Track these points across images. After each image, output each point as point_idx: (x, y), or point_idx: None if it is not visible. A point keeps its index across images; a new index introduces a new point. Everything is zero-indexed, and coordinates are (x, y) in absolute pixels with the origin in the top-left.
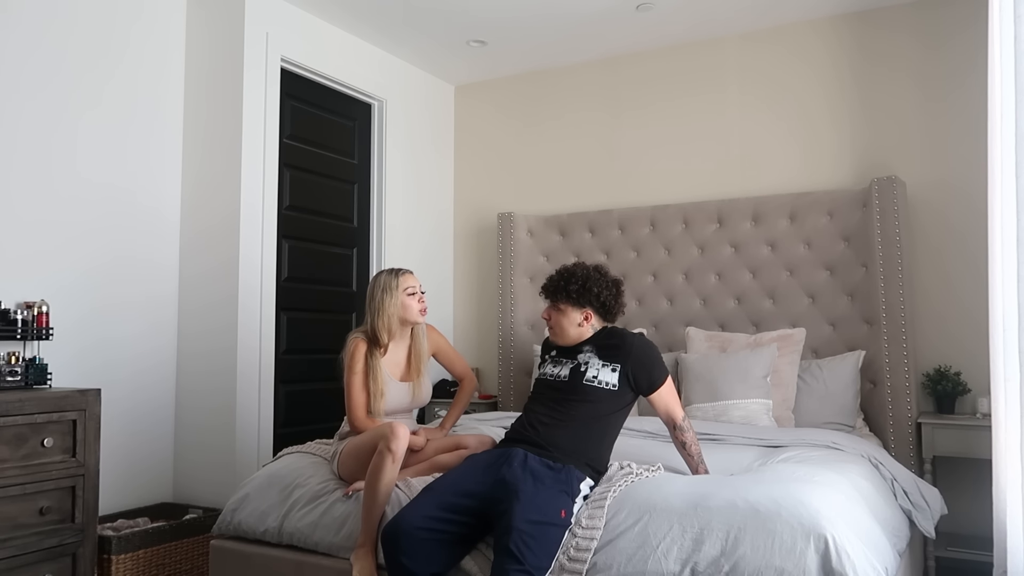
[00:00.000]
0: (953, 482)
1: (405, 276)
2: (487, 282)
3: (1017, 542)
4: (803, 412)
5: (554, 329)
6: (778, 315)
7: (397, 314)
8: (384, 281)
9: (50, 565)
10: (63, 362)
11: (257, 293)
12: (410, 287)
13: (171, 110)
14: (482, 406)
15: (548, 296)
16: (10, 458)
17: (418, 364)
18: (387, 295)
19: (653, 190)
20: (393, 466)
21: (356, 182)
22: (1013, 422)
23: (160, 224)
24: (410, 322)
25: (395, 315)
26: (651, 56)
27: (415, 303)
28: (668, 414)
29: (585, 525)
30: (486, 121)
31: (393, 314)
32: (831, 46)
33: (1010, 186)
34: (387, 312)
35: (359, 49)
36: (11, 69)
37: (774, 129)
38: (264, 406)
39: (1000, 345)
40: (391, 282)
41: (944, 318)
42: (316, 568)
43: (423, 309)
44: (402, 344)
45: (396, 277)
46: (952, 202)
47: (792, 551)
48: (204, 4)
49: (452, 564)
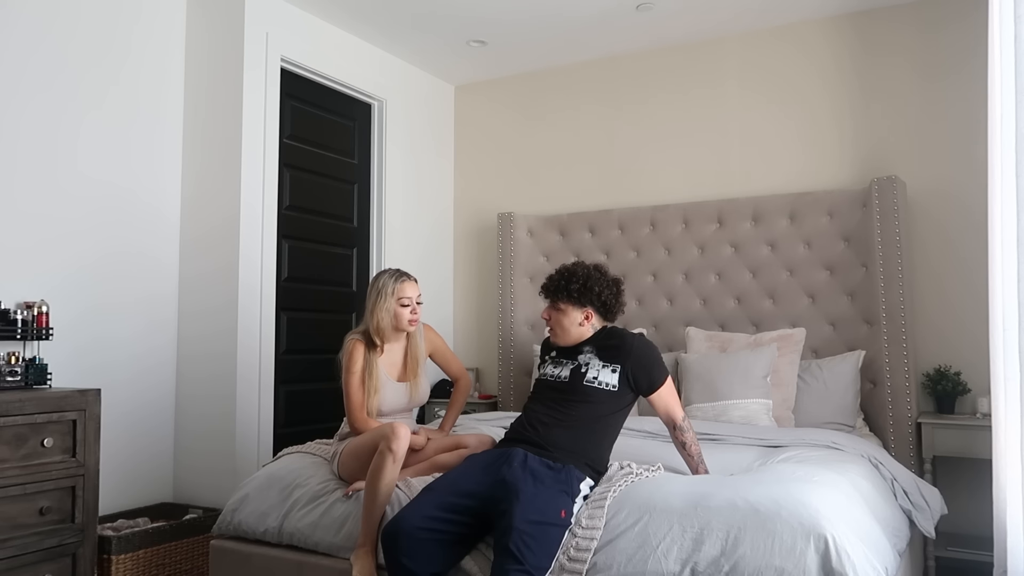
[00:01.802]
0: (953, 482)
1: (403, 285)
2: (487, 282)
3: (1017, 542)
4: (803, 412)
5: (554, 329)
6: (778, 315)
7: (388, 319)
8: (382, 284)
9: (50, 565)
10: (63, 362)
11: (257, 293)
12: (405, 298)
13: (171, 110)
14: (482, 406)
15: (548, 296)
16: (10, 458)
17: (414, 365)
18: (380, 300)
19: (653, 190)
20: (394, 466)
21: (356, 182)
22: (1013, 422)
23: (160, 224)
24: (398, 330)
25: (385, 319)
26: (651, 56)
27: (406, 313)
28: (668, 414)
29: (585, 525)
30: (486, 121)
31: (383, 318)
32: (831, 46)
33: (1010, 186)
34: (377, 316)
35: (359, 49)
36: (12, 69)
37: (774, 129)
38: (264, 406)
39: (1000, 345)
40: (387, 287)
41: (944, 318)
42: (316, 568)
43: (413, 320)
44: (398, 345)
45: (394, 283)
46: (952, 202)
47: (792, 551)
48: (204, 4)
49: (452, 564)
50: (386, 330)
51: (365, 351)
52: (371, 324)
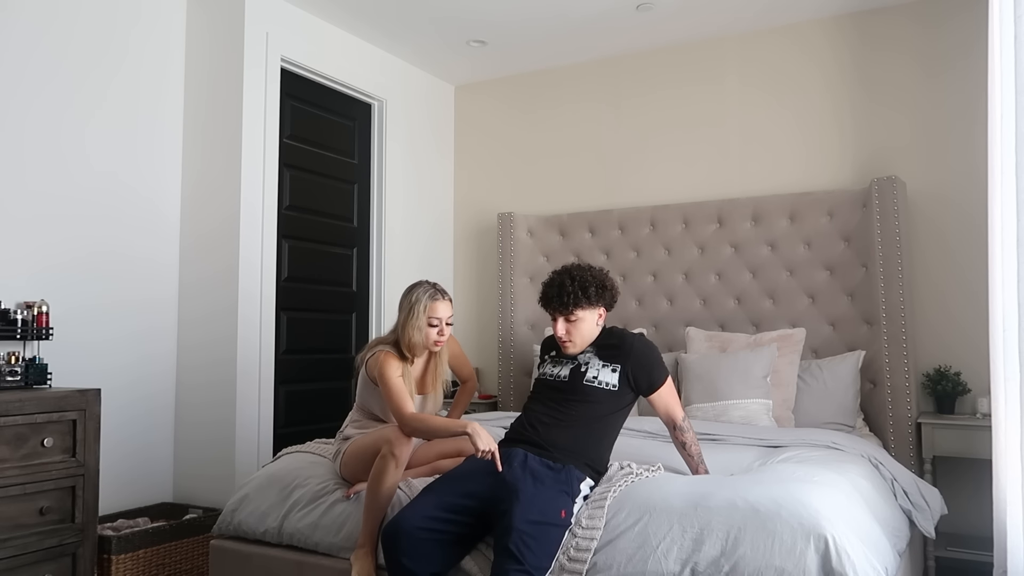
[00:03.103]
0: (953, 482)
1: (436, 304)
2: (487, 282)
3: (1017, 542)
4: (803, 412)
5: (574, 341)
6: (778, 315)
7: (420, 337)
8: (415, 299)
9: (50, 565)
10: (63, 362)
11: (257, 293)
12: (435, 318)
13: (171, 110)
14: (482, 406)
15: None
16: (10, 458)
17: (435, 380)
18: (412, 317)
19: (653, 190)
20: (396, 471)
21: (356, 182)
22: (1013, 422)
23: (160, 223)
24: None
25: (417, 337)
26: (651, 56)
27: (433, 334)
28: (668, 414)
29: (585, 525)
30: (486, 121)
31: (414, 336)
32: (831, 46)
33: (1010, 186)
34: (408, 333)
35: (359, 49)
36: (12, 70)
37: (774, 129)
38: (264, 406)
39: (1000, 345)
40: (420, 304)
41: (944, 318)
42: (316, 568)
43: (439, 342)
44: (421, 358)
45: (428, 300)
46: (952, 202)
47: (792, 551)
48: (204, 4)
49: (452, 564)
50: (418, 346)
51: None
52: (402, 338)
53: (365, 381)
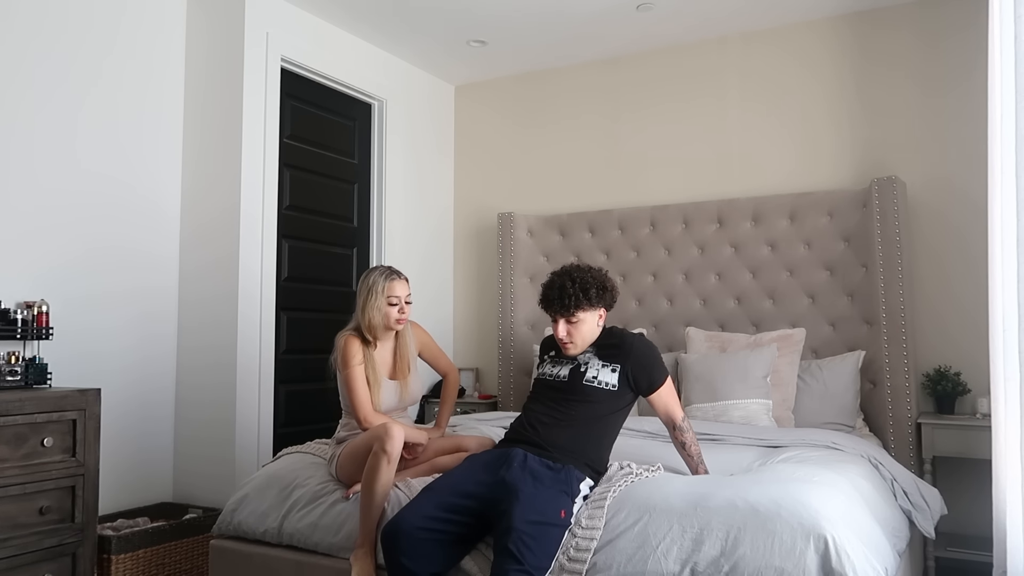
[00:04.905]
0: (953, 482)
1: (392, 283)
2: (487, 282)
3: (1017, 542)
4: (803, 412)
5: (575, 343)
6: (778, 315)
7: (379, 317)
8: (372, 282)
9: (50, 565)
10: (63, 362)
11: (257, 293)
12: (393, 296)
13: (171, 110)
14: (482, 406)
15: (563, 311)
16: (10, 458)
17: (404, 363)
18: (371, 298)
19: (653, 190)
20: (388, 467)
21: (356, 182)
22: (1013, 422)
23: (160, 224)
24: (388, 329)
25: (377, 317)
26: (651, 56)
27: (394, 312)
28: (668, 414)
29: (585, 525)
30: (486, 121)
31: (375, 316)
32: (831, 46)
33: (1010, 186)
34: (368, 314)
35: (359, 49)
36: (11, 70)
37: (774, 129)
38: (264, 406)
39: (1000, 345)
40: (377, 285)
41: (944, 318)
42: (316, 568)
43: (400, 320)
44: (388, 344)
45: (384, 281)
46: (952, 202)
47: (792, 551)
48: (204, 4)
49: (452, 564)
50: (378, 328)
51: (362, 346)
52: (363, 321)
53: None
